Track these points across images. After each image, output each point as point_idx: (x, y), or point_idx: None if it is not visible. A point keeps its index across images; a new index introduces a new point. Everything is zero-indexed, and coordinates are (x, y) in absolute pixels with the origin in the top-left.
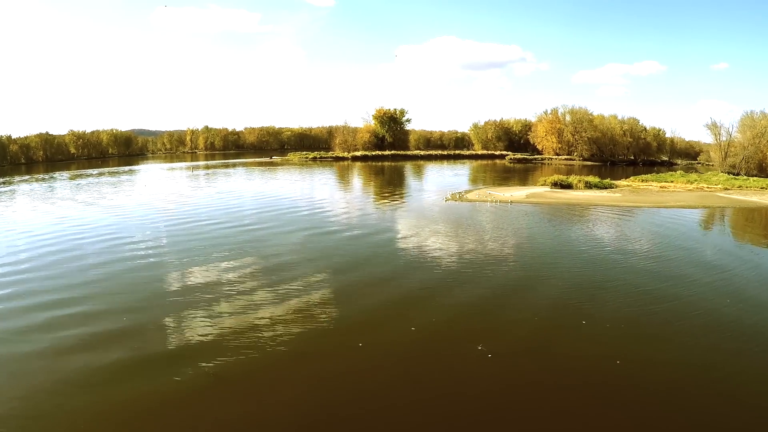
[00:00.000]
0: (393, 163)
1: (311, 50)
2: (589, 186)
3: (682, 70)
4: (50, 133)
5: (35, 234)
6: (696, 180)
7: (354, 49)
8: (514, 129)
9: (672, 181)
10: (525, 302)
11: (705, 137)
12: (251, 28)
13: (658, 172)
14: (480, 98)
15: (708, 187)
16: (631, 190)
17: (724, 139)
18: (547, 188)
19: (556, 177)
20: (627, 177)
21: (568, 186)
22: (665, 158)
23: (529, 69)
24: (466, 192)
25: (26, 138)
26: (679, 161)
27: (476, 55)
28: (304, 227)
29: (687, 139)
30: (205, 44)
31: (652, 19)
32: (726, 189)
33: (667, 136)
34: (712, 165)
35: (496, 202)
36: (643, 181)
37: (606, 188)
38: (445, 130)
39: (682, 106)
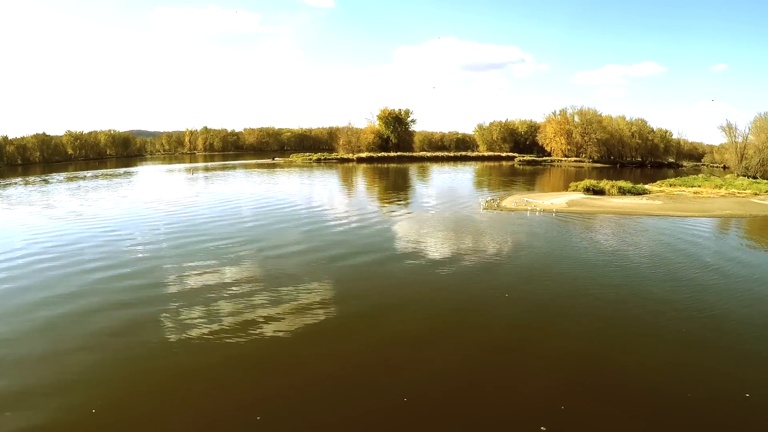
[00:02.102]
0: (400, 165)
1: (310, 51)
2: (622, 192)
3: (681, 71)
4: (47, 133)
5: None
6: (722, 184)
7: (353, 50)
8: (520, 130)
9: (699, 186)
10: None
11: (707, 138)
12: (250, 29)
13: (666, 175)
14: (480, 99)
15: (738, 193)
16: (666, 196)
17: (740, 140)
18: (580, 194)
19: (587, 182)
20: (637, 179)
21: (600, 192)
22: (672, 160)
23: (528, 70)
24: (500, 199)
25: (23, 138)
26: (685, 163)
27: (475, 56)
28: (326, 252)
29: (690, 141)
30: (204, 44)
31: (651, 20)
32: (756, 194)
33: (673, 137)
34: (717, 166)
35: (539, 211)
36: (671, 185)
37: (640, 194)
38: (446, 131)
39: (682, 107)
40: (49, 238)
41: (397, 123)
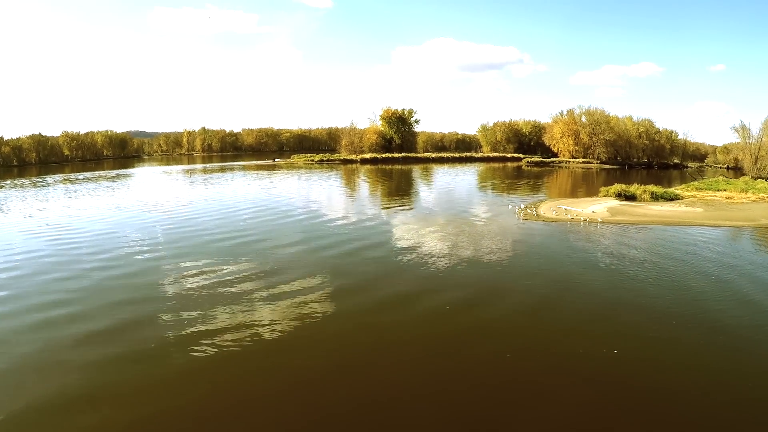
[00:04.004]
0: (405, 167)
1: (308, 51)
2: (655, 197)
3: (679, 71)
4: (43, 134)
5: None
6: (745, 188)
7: (351, 50)
8: (524, 131)
9: (725, 189)
10: None
11: (707, 139)
12: (248, 29)
13: (672, 176)
14: (478, 100)
15: None
16: (702, 203)
17: (754, 141)
18: (613, 200)
19: (618, 187)
20: (645, 180)
21: (632, 197)
22: (677, 161)
23: (526, 70)
24: (535, 205)
25: (18, 139)
26: (690, 164)
27: (474, 56)
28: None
29: (692, 141)
30: (201, 45)
31: (649, 20)
32: None
33: (679, 138)
34: (720, 167)
35: (584, 221)
36: (697, 189)
37: (672, 200)
38: (446, 131)
39: (680, 107)
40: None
41: (400, 123)
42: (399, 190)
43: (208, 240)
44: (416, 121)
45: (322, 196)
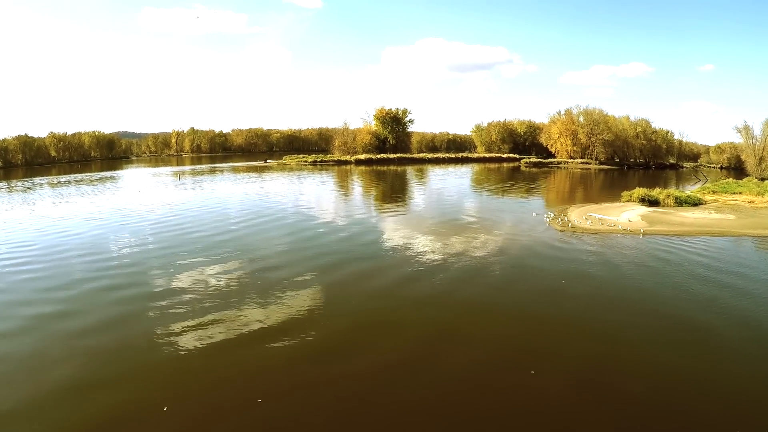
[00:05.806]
0: (401, 168)
1: (298, 51)
2: (678, 202)
3: (668, 71)
4: (30, 135)
5: None
6: (760, 191)
7: (341, 50)
8: (519, 131)
9: (740, 192)
10: None
11: (699, 138)
12: (237, 29)
13: (668, 177)
14: (468, 100)
15: None
16: (729, 208)
17: (758, 143)
18: (638, 204)
19: (640, 192)
20: (642, 181)
21: (655, 202)
22: (672, 161)
23: (516, 71)
24: (564, 213)
25: (4, 140)
26: (686, 164)
27: (464, 56)
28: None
29: (685, 141)
30: (191, 45)
31: (639, 21)
32: None
33: (675, 137)
34: (714, 167)
35: (623, 231)
36: (714, 192)
37: (696, 205)
38: (436, 131)
39: (669, 107)
40: None
41: (394, 123)
42: (404, 193)
43: (194, 257)
44: (410, 121)
45: (322, 203)
